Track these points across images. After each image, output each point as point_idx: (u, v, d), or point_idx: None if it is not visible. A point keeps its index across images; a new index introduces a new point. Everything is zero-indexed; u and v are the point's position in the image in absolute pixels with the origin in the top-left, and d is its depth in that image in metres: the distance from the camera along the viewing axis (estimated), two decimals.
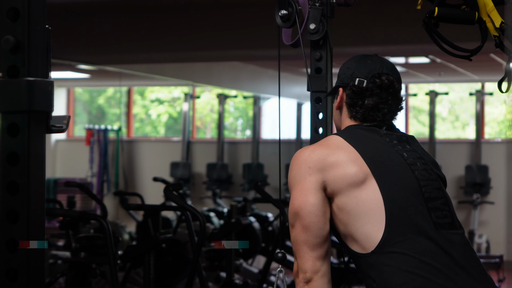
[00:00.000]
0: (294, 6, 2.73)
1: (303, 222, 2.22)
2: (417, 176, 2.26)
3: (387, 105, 2.36)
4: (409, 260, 2.14)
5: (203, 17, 7.18)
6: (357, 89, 2.35)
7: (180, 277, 5.79)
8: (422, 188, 2.25)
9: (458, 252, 2.19)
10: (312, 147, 2.31)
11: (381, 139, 2.31)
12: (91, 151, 11.93)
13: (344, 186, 2.21)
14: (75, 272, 4.83)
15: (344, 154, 2.24)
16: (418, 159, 2.31)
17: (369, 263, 2.19)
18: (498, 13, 2.59)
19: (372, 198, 2.20)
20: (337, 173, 2.22)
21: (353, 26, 6.56)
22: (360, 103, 2.35)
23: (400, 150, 2.31)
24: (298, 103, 11.96)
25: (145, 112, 14.54)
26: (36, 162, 1.59)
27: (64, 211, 5.15)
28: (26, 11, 1.58)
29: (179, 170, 11.63)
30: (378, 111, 2.35)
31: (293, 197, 2.25)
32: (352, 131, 2.34)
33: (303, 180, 2.24)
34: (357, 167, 2.22)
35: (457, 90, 13.88)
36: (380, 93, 2.35)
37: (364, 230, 2.19)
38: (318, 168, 2.23)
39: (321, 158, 2.24)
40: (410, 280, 2.13)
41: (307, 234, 2.22)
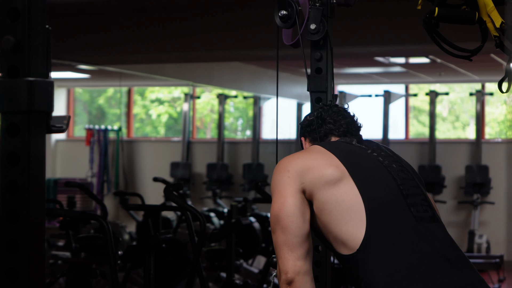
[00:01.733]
0: (294, 6, 2.73)
1: (282, 223, 2.25)
2: (394, 176, 2.32)
3: (345, 119, 2.50)
4: (392, 252, 2.17)
5: (203, 17, 7.18)
6: (311, 121, 2.51)
7: (180, 277, 5.79)
8: (400, 186, 2.29)
9: (441, 242, 2.22)
10: (293, 154, 2.38)
11: (356, 147, 2.40)
12: (91, 151, 11.93)
13: (321, 185, 2.25)
14: (75, 272, 4.83)
15: (322, 158, 2.31)
16: (394, 162, 2.37)
17: (355, 263, 2.21)
18: (498, 13, 2.59)
19: (350, 196, 2.23)
20: (314, 174, 2.27)
21: (353, 26, 6.56)
22: (318, 126, 2.50)
23: (375, 156, 2.37)
24: (298, 103, 11.96)
25: (145, 112, 14.54)
26: (36, 162, 1.59)
27: (64, 211, 5.15)
28: (26, 11, 1.58)
29: (179, 170, 11.64)
30: (336, 123, 2.49)
31: (273, 201, 2.30)
32: (329, 142, 2.44)
33: (282, 183, 2.29)
34: (333, 167, 2.28)
35: (458, 90, 13.88)
36: (334, 114, 2.51)
37: (347, 229, 2.22)
38: (296, 171, 2.28)
39: (299, 162, 2.30)
40: (394, 272, 2.15)
41: (286, 234, 2.24)
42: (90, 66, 9.11)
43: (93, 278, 4.94)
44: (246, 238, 6.84)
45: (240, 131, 14.98)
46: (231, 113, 14.59)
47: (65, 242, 6.73)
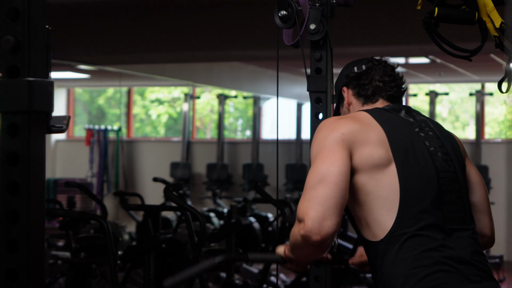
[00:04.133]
0: (294, 6, 2.73)
1: (331, 179, 2.13)
2: (437, 166, 2.26)
3: (392, 77, 2.44)
4: (414, 252, 2.15)
5: (203, 17, 7.18)
6: (359, 73, 2.44)
7: None
8: (439, 180, 2.25)
9: (464, 248, 2.20)
10: (344, 118, 2.30)
11: (404, 124, 2.32)
12: (91, 152, 11.93)
13: (368, 166, 2.20)
14: (75, 272, 4.83)
15: (374, 134, 2.24)
16: (439, 148, 2.31)
17: (377, 251, 2.19)
18: (498, 13, 2.59)
19: (391, 184, 2.19)
20: (364, 151, 2.20)
21: (353, 27, 6.56)
22: (367, 82, 2.43)
23: (422, 137, 2.30)
24: (298, 103, 11.96)
25: (145, 112, 14.54)
26: (36, 163, 1.59)
27: (64, 212, 5.15)
28: (26, 11, 1.58)
29: (179, 171, 11.63)
30: (386, 85, 2.43)
31: (321, 159, 2.18)
32: (377, 111, 2.35)
33: (336, 145, 2.20)
34: (383, 150, 2.22)
35: (457, 90, 13.88)
36: (382, 69, 2.44)
37: (377, 215, 2.19)
38: (351, 138, 2.21)
39: (353, 131, 2.23)
40: (414, 273, 2.13)
41: (333, 190, 2.12)
42: (90, 66, 9.11)
43: (93, 278, 4.94)
44: (246, 238, 6.84)
45: (240, 131, 14.98)
46: (231, 113, 14.59)
47: (65, 242, 6.72)
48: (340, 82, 2.52)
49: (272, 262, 2.42)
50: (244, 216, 6.94)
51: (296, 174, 11.12)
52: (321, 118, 2.83)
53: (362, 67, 2.46)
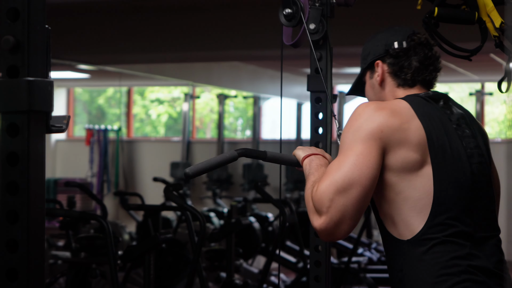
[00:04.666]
0: (299, 4, 2.73)
1: (362, 183, 2.07)
2: (473, 170, 2.21)
3: (431, 61, 2.34)
4: (443, 259, 2.11)
5: (203, 17, 7.18)
6: (399, 51, 2.31)
7: (180, 277, 5.79)
8: (474, 184, 2.20)
9: (489, 256, 2.17)
10: (385, 110, 2.16)
11: (443, 120, 2.22)
12: (91, 151, 11.93)
13: (402, 168, 2.13)
14: (75, 272, 4.83)
15: (413, 133, 2.14)
16: (476, 149, 2.25)
17: (401, 250, 2.15)
18: (498, 13, 2.59)
19: (424, 188, 2.13)
20: (400, 153, 2.12)
21: (353, 26, 6.56)
22: (406, 64, 2.31)
23: (459, 136, 2.23)
24: (298, 103, 11.96)
25: (145, 112, 14.54)
26: (36, 162, 1.59)
27: (64, 211, 5.15)
28: (26, 11, 1.58)
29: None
30: (425, 69, 2.32)
31: (355, 155, 2.10)
32: (417, 102, 2.23)
33: (372, 140, 2.11)
34: (419, 153, 2.13)
35: (457, 90, 13.88)
36: (422, 50, 2.32)
37: (406, 217, 2.13)
38: (387, 137, 2.12)
39: (392, 129, 2.12)
40: (442, 281, 2.10)
41: (360, 192, 2.07)
42: (90, 66, 9.11)
43: (93, 278, 4.94)
44: (246, 238, 6.84)
45: (240, 131, 14.98)
46: (231, 113, 14.58)
47: (65, 242, 6.72)
48: (373, 50, 2.35)
49: (288, 164, 2.37)
50: (244, 216, 6.94)
51: (296, 174, 11.12)
52: (321, 118, 2.83)
53: (403, 43, 2.31)
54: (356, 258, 7.18)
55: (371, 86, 2.39)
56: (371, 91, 2.40)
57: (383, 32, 2.38)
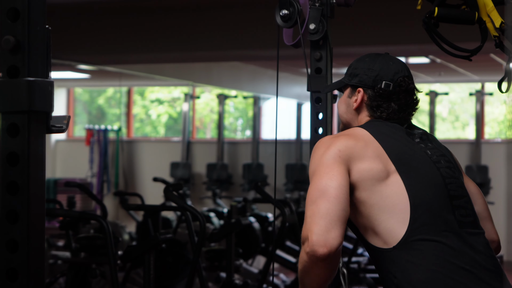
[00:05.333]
0: (296, 5, 2.73)
1: (331, 193, 2.12)
2: (442, 173, 2.26)
3: (411, 106, 2.39)
4: (433, 258, 2.14)
5: (203, 17, 7.18)
6: (383, 92, 2.36)
7: (180, 277, 5.79)
8: (447, 186, 2.24)
9: (480, 252, 2.19)
10: (340, 136, 2.27)
11: (404, 136, 2.31)
12: (91, 151, 11.93)
13: (368, 180, 2.18)
14: (75, 272, 4.83)
15: (370, 149, 2.22)
16: (441, 157, 2.31)
17: (389, 258, 2.17)
18: (498, 13, 2.59)
19: (397, 194, 2.17)
20: (363, 166, 2.19)
21: (353, 26, 6.56)
22: (385, 105, 2.36)
23: (423, 148, 2.30)
24: (298, 103, 11.96)
25: (145, 112, 14.54)
26: (36, 162, 1.59)
27: (64, 211, 5.15)
28: (26, 11, 1.58)
29: (179, 170, 11.63)
30: (403, 112, 2.37)
31: (320, 175, 2.17)
32: (376, 126, 2.32)
33: (333, 161, 2.18)
34: (382, 164, 2.20)
35: (457, 90, 13.88)
36: (405, 97, 2.38)
37: (387, 225, 2.17)
38: (348, 154, 2.20)
39: (349, 147, 2.21)
40: (435, 279, 2.12)
41: (334, 204, 2.11)
42: (90, 66, 9.11)
43: (93, 278, 4.94)
44: (246, 238, 6.84)
45: (240, 131, 14.98)
46: (231, 113, 14.59)
47: (65, 242, 6.72)
48: (362, 76, 2.40)
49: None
50: (244, 216, 6.94)
51: (296, 174, 11.12)
52: (321, 118, 2.83)
53: (390, 85, 2.36)
54: (356, 258, 7.19)
55: (346, 103, 2.46)
56: (344, 106, 2.46)
57: (379, 60, 2.41)
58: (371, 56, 2.43)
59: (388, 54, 2.46)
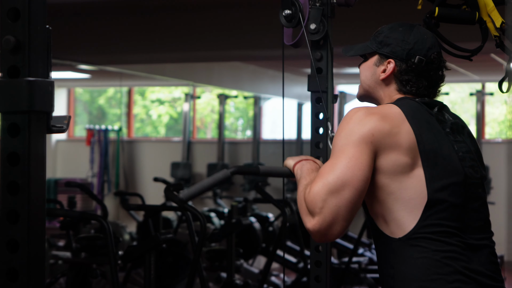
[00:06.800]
0: (298, 5, 2.73)
1: (354, 185, 2.10)
2: (466, 173, 2.23)
3: (440, 81, 2.37)
4: (433, 257, 2.14)
5: (203, 17, 7.18)
6: (416, 67, 2.31)
7: (180, 277, 5.80)
8: (467, 187, 2.22)
9: (481, 257, 2.19)
10: (376, 115, 2.19)
11: (436, 125, 2.26)
12: (92, 151, 11.93)
13: (393, 170, 2.15)
14: (76, 273, 4.83)
15: (403, 138, 2.17)
16: (467, 154, 2.27)
17: (392, 248, 2.17)
18: (499, 13, 2.59)
19: (415, 188, 2.15)
20: (391, 156, 2.15)
21: (353, 26, 6.56)
22: (414, 80, 2.32)
23: (451, 140, 2.26)
24: (298, 103, 11.96)
25: (145, 112, 14.54)
26: (36, 162, 1.59)
27: (65, 212, 5.15)
28: (27, 11, 1.58)
29: (180, 170, 11.64)
30: (431, 88, 2.34)
31: (348, 158, 2.12)
32: (410, 108, 2.25)
33: (364, 144, 2.13)
34: (410, 156, 2.16)
35: (458, 90, 13.88)
36: (436, 72, 2.35)
37: (398, 215, 2.16)
38: (380, 140, 2.14)
39: (383, 132, 2.15)
40: (432, 280, 2.12)
41: (353, 193, 2.09)
42: (90, 66, 9.11)
43: (94, 278, 4.94)
44: (247, 238, 6.84)
45: (241, 131, 14.98)
46: (232, 113, 14.59)
47: (66, 242, 6.73)
48: (395, 47, 2.33)
49: (281, 176, 2.39)
50: (245, 216, 6.94)
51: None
52: (321, 118, 2.83)
53: (423, 60, 2.31)
54: (356, 258, 7.18)
55: (371, 71, 2.38)
56: (369, 73, 2.39)
57: (414, 31, 2.34)
58: (405, 26, 2.35)
59: (421, 26, 2.39)
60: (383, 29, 2.38)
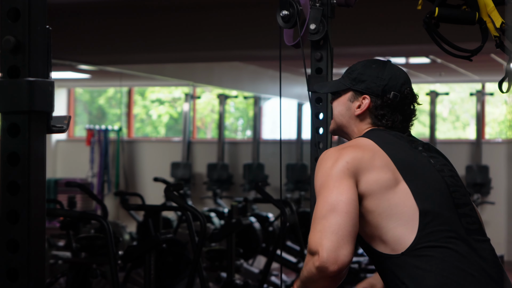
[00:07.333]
0: (296, 6, 2.73)
1: (341, 208, 2.12)
2: (447, 182, 2.26)
3: (413, 114, 2.40)
4: (442, 264, 2.14)
5: (203, 17, 7.18)
6: (391, 102, 2.34)
7: (180, 277, 5.79)
8: (451, 194, 2.24)
9: (487, 259, 2.20)
10: (347, 148, 2.25)
11: (407, 145, 2.31)
12: (92, 152, 11.93)
13: (377, 190, 2.18)
14: (76, 272, 4.83)
15: (378, 159, 2.22)
16: (444, 166, 2.31)
17: (397, 265, 2.17)
18: (499, 13, 2.59)
19: (405, 202, 2.17)
20: (371, 176, 2.18)
21: (353, 27, 6.56)
22: (389, 115, 2.35)
23: (426, 156, 2.30)
24: (298, 103, 11.96)
25: (145, 112, 14.55)
26: (36, 162, 1.59)
27: (65, 212, 5.15)
28: (27, 12, 1.58)
29: (180, 170, 11.63)
30: (405, 122, 2.38)
31: (329, 190, 2.15)
32: (379, 135, 2.31)
33: (342, 174, 2.17)
34: (390, 173, 2.20)
35: (458, 90, 13.89)
36: (409, 105, 2.38)
37: (395, 232, 2.17)
38: (356, 167, 2.18)
39: (357, 158, 2.20)
40: (444, 284, 2.12)
41: (345, 219, 2.11)
42: (90, 66, 9.11)
43: (94, 278, 4.94)
44: (247, 238, 6.84)
45: (241, 131, 14.98)
46: (232, 113, 14.59)
47: (66, 242, 6.73)
48: (369, 83, 2.37)
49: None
50: (245, 216, 6.94)
51: (296, 174, 11.12)
52: (321, 118, 2.83)
53: (397, 96, 2.34)
54: (356, 258, 7.19)
55: (346, 106, 2.41)
56: (343, 108, 2.42)
57: (386, 68, 2.38)
58: (377, 63, 2.40)
59: (391, 62, 2.43)
60: (356, 66, 2.42)
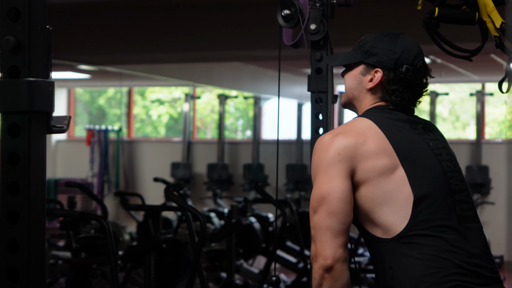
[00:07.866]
0: (297, 6, 2.73)
1: (330, 207, 2.18)
2: (444, 167, 2.26)
3: (422, 90, 2.36)
4: (430, 253, 2.15)
5: (203, 17, 7.18)
6: (403, 76, 2.31)
7: (180, 278, 5.79)
8: (448, 180, 2.25)
9: (478, 248, 2.21)
10: (341, 133, 2.24)
11: (408, 127, 2.29)
12: (92, 152, 11.93)
13: (373, 176, 2.19)
14: (76, 273, 4.83)
15: (375, 144, 2.21)
16: (442, 149, 2.32)
17: (387, 249, 2.19)
18: (499, 14, 2.59)
19: (400, 188, 2.18)
20: (367, 163, 2.19)
21: (353, 27, 6.56)
22: (401, 90, 2.32)
23: (425, 139, 2.29)
24: (298, 103, 11.96)
25: (145, 112, 14.54)
26: (36, 163, 1.59)
27: (65, 212, 5.15)
28: (27, 12, 1.58)
29: (180, 171, 11.63)
30: (414, 99, 2.35)
31: (320, 182, 2.20)
32: (380, 115, 2.30)
33: (332, 165, 2.20)
34: (386, 158, 2.20)
35: (458, 90, 13.88)
36: (421, 79, 2.34)
37: (387, 218, 2.19)
38: (348, 156, 2.20)
39: (349, 148, 2.20)
40: (429, 274, 2.14)
41: (333, 220, 2.17)
42: (90, 66, 9.11)
43: (94, 278, 4.94)
44: (247, 238, 6.84)
45: (241, 131, 14.98)
46: (232, 113, 14.59)
47: (66, 242, 6.73)
48: (382, 56, 2.33)
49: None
50: (245, 216, 6.94)
51: (296, 174, 11.12)
52: (322, 118, 2.83)
53: (410, 69, 2.31)
54: (356, 258, 7.18)
55: (358, 80, 2.37)
56: (355, 82, 2.38)
57: (399, 41, 2.34)
58: (390, 36, 2.35)
59: (403, 34, 2.39)
60: (367, 38, 2.37)
